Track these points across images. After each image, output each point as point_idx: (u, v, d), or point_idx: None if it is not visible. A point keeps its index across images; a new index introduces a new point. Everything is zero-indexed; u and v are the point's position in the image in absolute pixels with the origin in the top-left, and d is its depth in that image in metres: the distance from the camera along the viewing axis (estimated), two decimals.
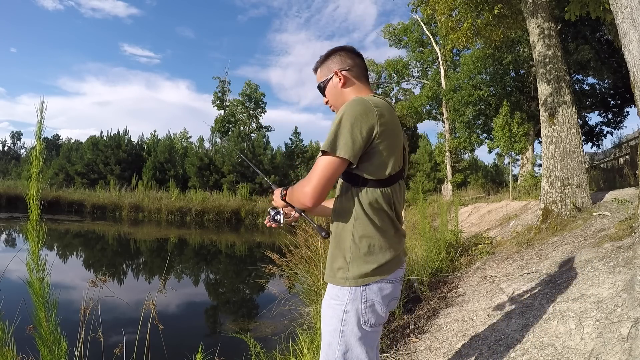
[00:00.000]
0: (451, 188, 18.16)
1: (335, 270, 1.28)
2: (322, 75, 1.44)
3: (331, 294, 1.29)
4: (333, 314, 1.27)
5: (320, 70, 1.45)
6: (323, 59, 1.44)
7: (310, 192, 1.20)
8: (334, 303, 1.27)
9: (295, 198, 1.28)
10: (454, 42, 7.92)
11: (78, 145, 29.51)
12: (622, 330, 1.81)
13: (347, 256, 1.25)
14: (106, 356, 1.87)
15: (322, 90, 1.45)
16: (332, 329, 1.27)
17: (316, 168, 1.21)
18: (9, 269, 1.90)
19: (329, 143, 1.18)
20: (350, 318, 1.24)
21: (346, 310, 1.24)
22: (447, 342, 2.61)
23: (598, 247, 3.08)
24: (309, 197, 1.21)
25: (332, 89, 1.41)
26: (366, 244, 1.24)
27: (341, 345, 1.25)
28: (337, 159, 1.18)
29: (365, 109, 1.20)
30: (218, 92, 36.49)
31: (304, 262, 3.49)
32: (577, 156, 5.19)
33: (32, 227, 1.20)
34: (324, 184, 1.20)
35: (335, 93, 1.41)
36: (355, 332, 1.25)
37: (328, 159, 1.19)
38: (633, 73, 3.15)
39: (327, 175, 1.20)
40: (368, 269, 1.23)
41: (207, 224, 16.29)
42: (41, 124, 1.17)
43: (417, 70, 23.57)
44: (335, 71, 1.38)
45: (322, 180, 1.20)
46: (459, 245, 5.74)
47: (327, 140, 1.20)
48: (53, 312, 1.23)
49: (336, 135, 1.18)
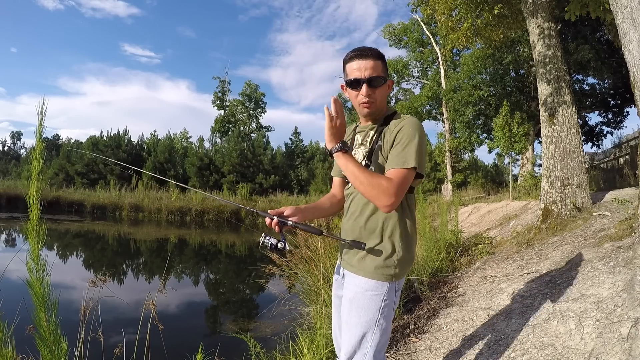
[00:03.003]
0: (451, 188, 18.15)
1: (380, 266, 1.32)
2: (384, 71, 1.38)
3: (366, 286, 1.32)
4: (370, 305, 1.31)
5: (382, 64, 1.38)
6: (382, 56, 1.38)
7: (395, 200, 1.24)
8: (371, 294, 1.31)
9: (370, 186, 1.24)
10: (454, 42, 7.92)
11: (78, 145, 29.52)
12: (622, 330, 1.81)
13: (397, 255, 1.33)
14: (106, 356, 1.87)
15: (375, 83, 1.35)
16: (368, 319, 1.31)
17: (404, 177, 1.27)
18: (9, 269, 1.90)
19: (417, 160, 1.28)
20: (387, 307, 1.32)
21: (385, 299, 1.31)
22: (447, 342, 2.61)
23: (598, 247, 3.08)
24: (393, 202, 1.24)
25: (384, 91, 1.40)
26: (410, 245, 1.37)
27: (376, 334, 1.31)
28: (417, 174, 1.31)
29: (423, 131, 1.35)
30: (218, 92, 36.51)
31: (304, 262, 3.49)
32: (577, 156, 5.19)
33: (32, 227, 1.19)
34: (403, 195, 1.29)
35: (384, 96, 1.41)
36: (389, 319, 1.34)
37: (412, 173, 1.29)
38: (633, 73, 3.15)
39: (408, 186, 1.30)
40: (408, 267, 1.38)
41: (207, 224, 16.28)
42: (41, 124, 1.17)
43: (417, 70, 23.58)
44: (389, 80, 1.42)
45: (405, 192, 1.29)
46: (459, 245, 5.74)
47: (412, 155, 1.28)
48: (53, 313, 1.23)
49: (419, 153, 1.29)
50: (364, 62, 1.33)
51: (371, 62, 1.33)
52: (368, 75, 1.33)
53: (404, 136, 1.30)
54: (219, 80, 36.66)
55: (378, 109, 1.40)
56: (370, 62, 1.33)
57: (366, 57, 1.34)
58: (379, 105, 1.39)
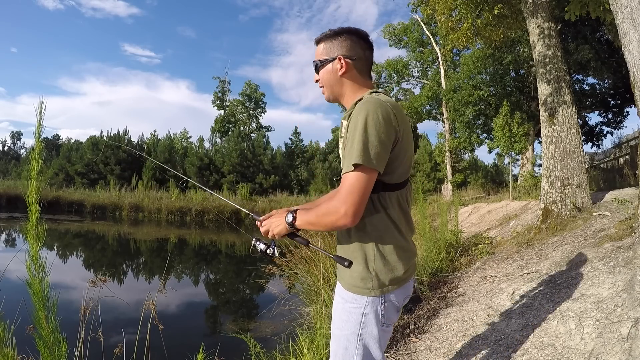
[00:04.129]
0: (451, 188, 18.15)
1: (355, 279, 1.19)
2: (323, 53, 1.29)
3: (346, 297, 1.23)
4: (349, 318, 1.22)
5: (323, 45, 1.29)
6: (331, 35, 1.28)
7: (351, 212, 1.08)
8: (350, 306, 1.21)
9: (324, 222, 1.14)
10: (454, 42, 7.92)
11: (78, 145, 29.50)
12: (622, 330, 1.81)
13: (371, 266, 1.18)
14: (106, 356, 1.87)
15: (316, 68, 1.31)
16: (349, 333, 1.22)
17: (351, 183, 1.09)
18: (9, 269, 1.90)
19: (361, 154, 1.06)
20: (369, 320, 1.20)
21: (365, 312, 1.19)
22: (447, 342, 2.61)
23: (598, 247, 3.08)
24: (350, 218, 1.09)
25: (330, 73, 1.28)
26: (393, 251, 1.19)
27: (359, 349, 1.21)
28: (372, 170, 1.09)
29: (386, 113, 1.11)
30: (218, 92, 36.53)
31: (304, 262, 3.49)
32: (577, 156, 5.19)
33: (32, 227, 1.19)
34: (363, 201, 1.10)
35: (331, 78, 1.28)
36: (374, 334, 1.21)
37: (363, 172, 1.08)
38: (633, 73, 3.15)
39: (365, 190, 1.09)
40: (394, 277, 1.19)
41: (207, 224, 16.28)
42: (40, 124, 1.17)
43: (417, 70, 23.58)
44: (339, 56, 1.25)
45: (362, 197, 1.09)
46: (459, 245, 5.74)
47: (355, 150, 1.07)
48: (53, 312, 1.23)
49: (365, 144, 1.07)
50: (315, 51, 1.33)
51: (316, 49, 1.31)
52: (314, 63, 1.32)
53: (351, 128, 1.12)
54: (219, 80, 36.72)
55: (332, 93, 1.30)
56: (316, 49, 1.32)
57: (316, 44, 1.32)
58: (331, 90, 1.30)
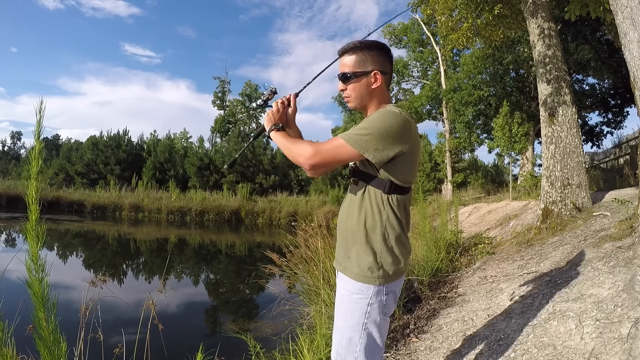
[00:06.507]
0: (451, 188, 18.14)
1: (364, 269, 1.28)
2: (356, 65, 1.32)
3: (352, 288, 1.30)
4: (355, 308, 1.29)
5: (356, 57, 1.32)
6: (363, 48, 1.32)
7: (313, 163, 1.23)
8: (356, 297, 1.29)
9: (292, 153, 1.29)
10: (454, 42, 7.91)
11: (78, 145, 29.49)
12: (622, 330, 1.81)
13: (379, 257, 1.28)
14: (106, 356, 1.87)
15: (346, 79, 1.34)
16: (354, 323, 1.28)
17: (333, 146, 1.23)
18: (9, 269, 1.90)
19: (359, 140, 1.21)
20: (373, 310, 1.28)
21: (370, 303, 1.27)
22: (447, 342, 2.61)
23: (598, 247, 3.08)
24: (307, 167, 1.24)
25: (363, 86, 1.33)
26: (396, 246, 1.30)
27: (363, 338, 1.28)
28: (354, 152, 1.22)
29: (402, 121, 1.24)
30: (218, 92, 36.49)
31: (304, 262, 3.49)
32: (577, 156, 5.19)
33: (32, 227, 1.19)
34: (328, 164, 1.25)
35: (363, 91, 1.34)
36: (378, 323, 1.29)
37: (349, 148, 1.22)
38: (633, 73, 3.15)
39: (337, 158, 1.24)
40: (396, 269, 1.30)
41: (207, 224, 16.28)
42: (40, 124, 1.17)
43: (417, 70, 23.59)
44: (375, 71, 1.31)
45: (331, 160, 1.24)
46: (459, 245, 5.73)
47: (356, 129, 1.23)
48: (53, 313, 1.23)
49: (369, 135, 1.21)
50: (341, 59, 1.38)
51: (345, 59, 1.36)
52: (340, 72, 1.36)
53: (365, 119, 1.30)
54: (219, 80, 36.66)
55: (361, 104, 1.37)
56: (344, 59, 1.36)
57: (343, 53, 1.37)
58: (361, 101, 1.36)
